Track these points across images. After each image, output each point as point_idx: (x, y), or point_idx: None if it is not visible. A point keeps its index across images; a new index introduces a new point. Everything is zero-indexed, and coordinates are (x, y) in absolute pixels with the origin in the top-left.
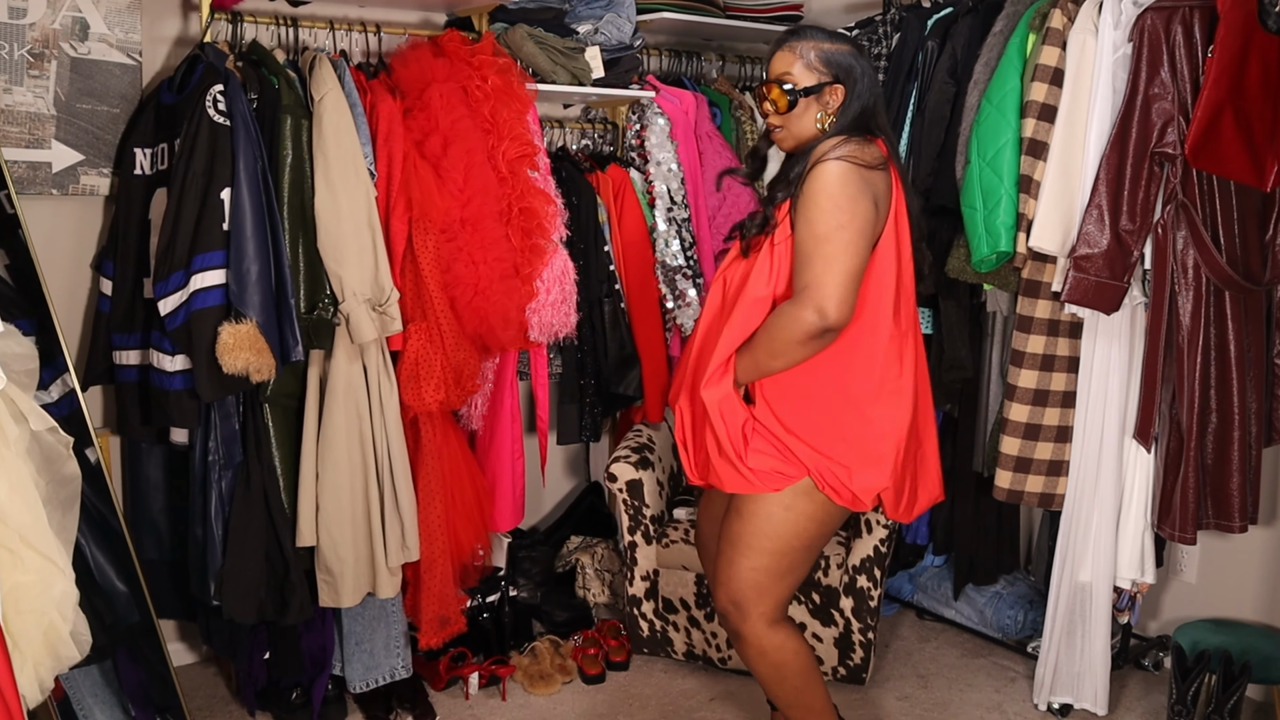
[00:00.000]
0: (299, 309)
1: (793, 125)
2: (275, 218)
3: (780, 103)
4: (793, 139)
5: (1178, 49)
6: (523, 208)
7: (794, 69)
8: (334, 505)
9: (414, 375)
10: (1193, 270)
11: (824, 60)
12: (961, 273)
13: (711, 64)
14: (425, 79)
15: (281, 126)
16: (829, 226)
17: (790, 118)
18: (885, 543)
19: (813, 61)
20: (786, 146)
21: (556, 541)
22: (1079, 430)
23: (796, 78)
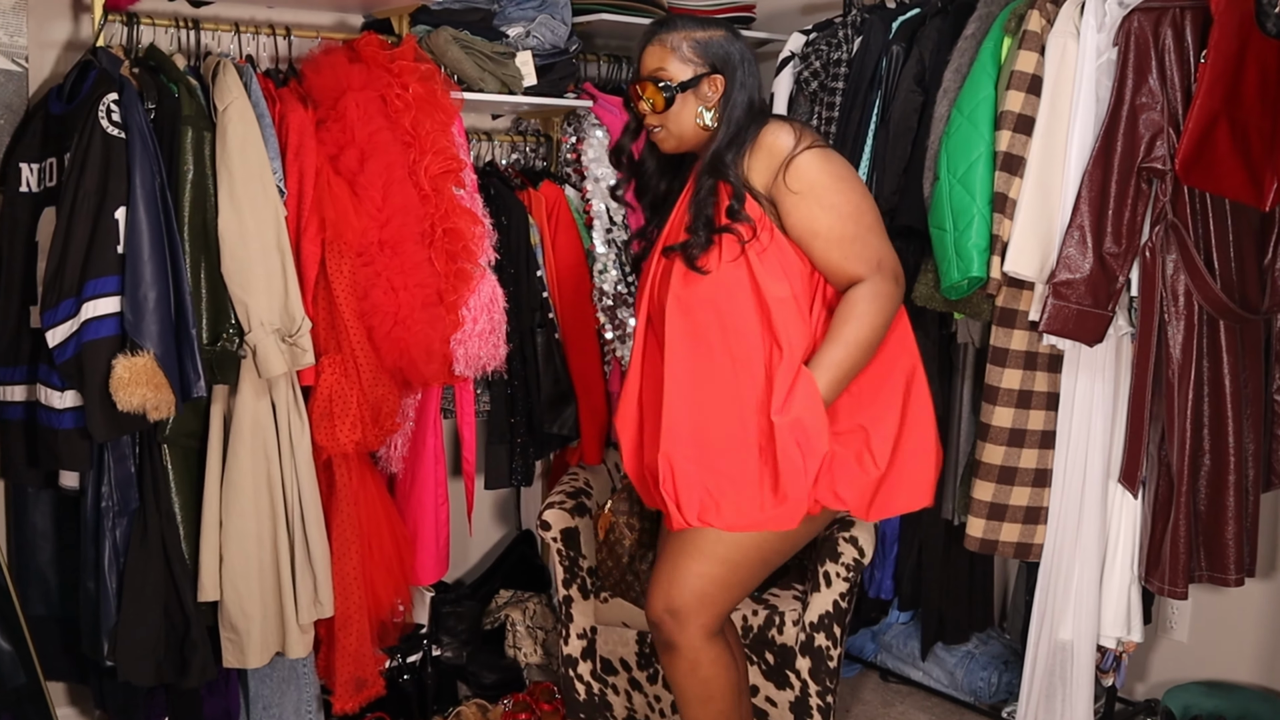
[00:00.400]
0: (201, 340)
1: (672, 124)
2: (175, 239)
3: (657, 101)
4: (674, 139)
5: (1167, 54)
6: (447, 229)
7: (668, 64)
8: (239, 556)
9: (327, 413)
10: (1184, 297)
11: (698, 50)
12: (929, 300)
13: None
14: (340, 87)
15: (182, 139)
16: (853, 202)
17: (669, 116)
18: (846, 597)
19: (686, 53)
20: (668, 147)
21: (484, 596)
22: (1059, 474)
23: (671, 73)
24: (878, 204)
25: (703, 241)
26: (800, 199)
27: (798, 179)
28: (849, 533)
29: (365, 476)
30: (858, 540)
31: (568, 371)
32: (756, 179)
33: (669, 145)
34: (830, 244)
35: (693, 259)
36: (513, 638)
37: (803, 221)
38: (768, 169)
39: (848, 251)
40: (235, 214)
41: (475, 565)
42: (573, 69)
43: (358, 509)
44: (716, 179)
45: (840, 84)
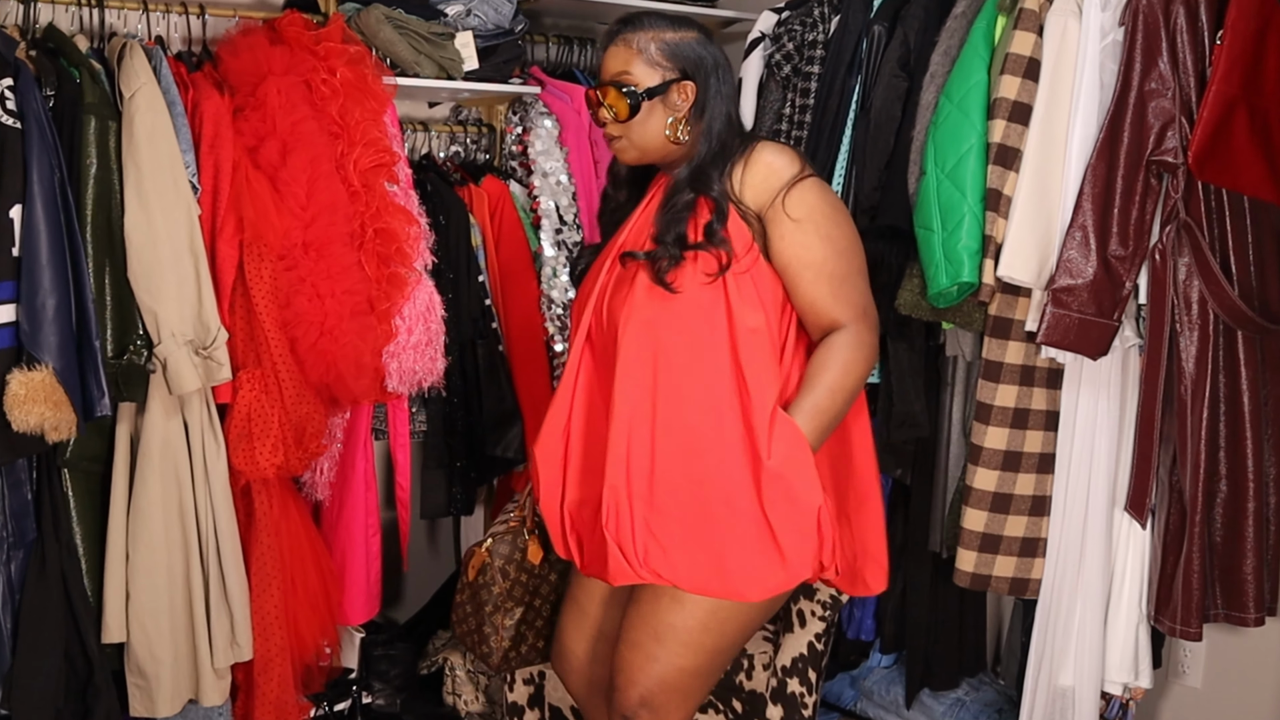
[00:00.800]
0: (105, 353)
1: (635, 134)
2: (76, 241)
3: (620, 108)
4: (636, 150)
5: (1180, 34)
6: (379, 229)
7: (633, 67)
8: (148, 593)
9: (246, 434)
10: (1198, 305)
11: (668, 53)
12: (915, 308)
13: None
14: (260, 72)
15: (84, 129)
16: (849, 239)
17: (632, 126)
18: (822, 638)
19: (654, 56)
20: (628, 159)
21: (420, 637)
22: (1059, 501)
23: (637, 77)
24: (858, 201)
25: (673, 255)
26: (798, 226)
27: (799, 205)
28: None
29: (288, 504)
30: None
31: (513, 388)
32: (750, 196)
33: (629, 157)
34: (821, 278)
35: (661, 272)
36: (452, 683)
37: (796, 250)
38: (766, 188)
39: (837, 290)
40: (143, 213)
41: (410, 603)
42: (518, 51)
43: (279, 540)
44: (698, 193)
45: (816, 68)
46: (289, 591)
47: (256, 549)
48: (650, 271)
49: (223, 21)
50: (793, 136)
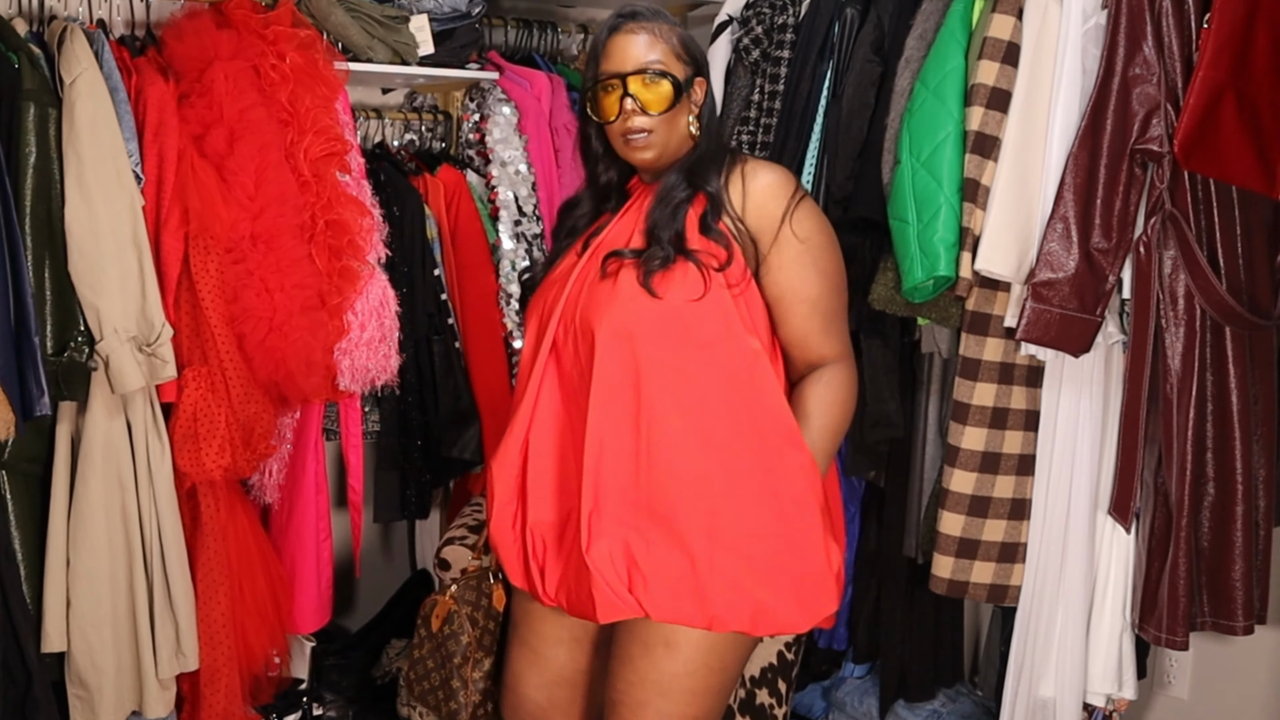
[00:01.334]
0: (45, 349)
1: (665, 129)
2: (14, 233)
3: (657, 98)
4: (658, 148)
5: (1165, 17)
6: (330, 220)
7: (664, 57)
8: (90, 600)
9: (191, 434)
10: (1184, 300)
11: (685, 47)
12: (889, 303)
13: (571, 37)
14: (206, 57)
15: (22, 117)
16: (840, 272)
17: (666, 120)
18: (792, 648)
19: (677, 48)
20: (647, 158)
21: (373, 646)
22: (1039, 505)
23: (670, 68)
24: (830, 191)
25: (666, 255)
26: (798, 256)
27: (802, 223)
28: None
29: (235, 508)
30: None
31: (470, 386)
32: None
33: (649, 156)
34: (815, 313)
35: (650, 272)
36: (406, 695)
37: (794, 282)
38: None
39: (827, 326)
40: (85, 203)
41: (362, 610)
42: (476, 35)
43: (226, 545)
44: (696, 189)
45: (786, 53)
46: (237, 599)
47: (203, 554)
48: (638, 272)
49: (167, 5)
50: (761, 124)
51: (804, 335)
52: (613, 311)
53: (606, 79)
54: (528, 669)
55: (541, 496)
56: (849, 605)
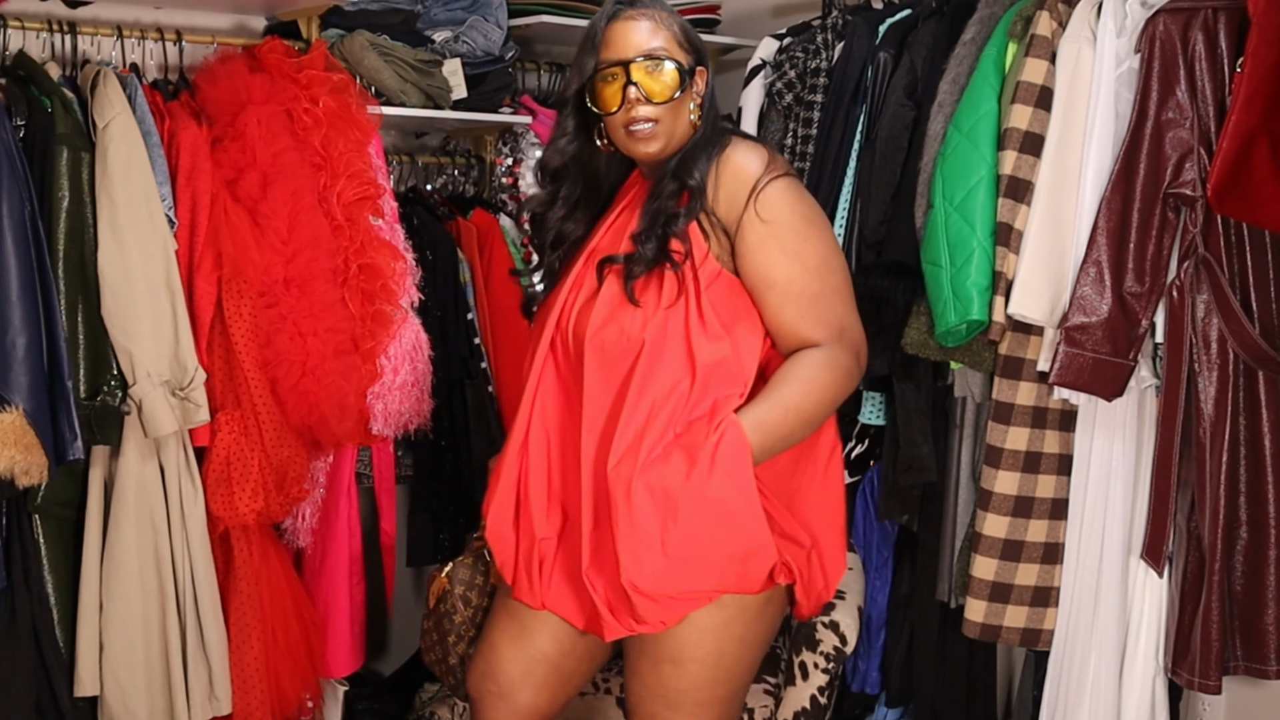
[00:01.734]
0: (78, 393)
1: (670, 118)
2: (48, 277)
3: (663, 85)
4: (664, 138)
5: (1198, 62)
6: (363, 264)
7: (668, 43)
8: (122, 644)
9: (224, 478)
10: (1217, 344)
11: (687, 36)
12: (922, 347)
13: None
14: (239, 101)
15: (55, 161)
16: (821, 254)
17: (671, 108)
18: (825, 691)
19: (679, 36)
20: (651, 150)
21: (406, 690)
22: (1072, 549)
23: (674, 54)
24: (863, 235)
25: (650, 257)
26: (762, 240)
27: (765, 209)
28: (829, 617)
29: (268, 552)
30: (839, 625)
31: (503, 431)
32: (724, 207)
33: (654, 147)
34: (786, 299)
35: (631, 277)
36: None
37: (758, 267)
38: (737, 195)
39: (805, 311)
40: (118, 247)
41: (395, 654)
42: (509, 79)
43: (259, 589)
44: (682, 183)
45: (819, 96)
46: (269, 642)
47: (236, 598)
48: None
49: (200, 48)
50: (794, 168)
51: (778, 325)
52: (596, 323)
53: (607, 67)
54: (510, 640)
55: (539, 504)
56: (881, 649)
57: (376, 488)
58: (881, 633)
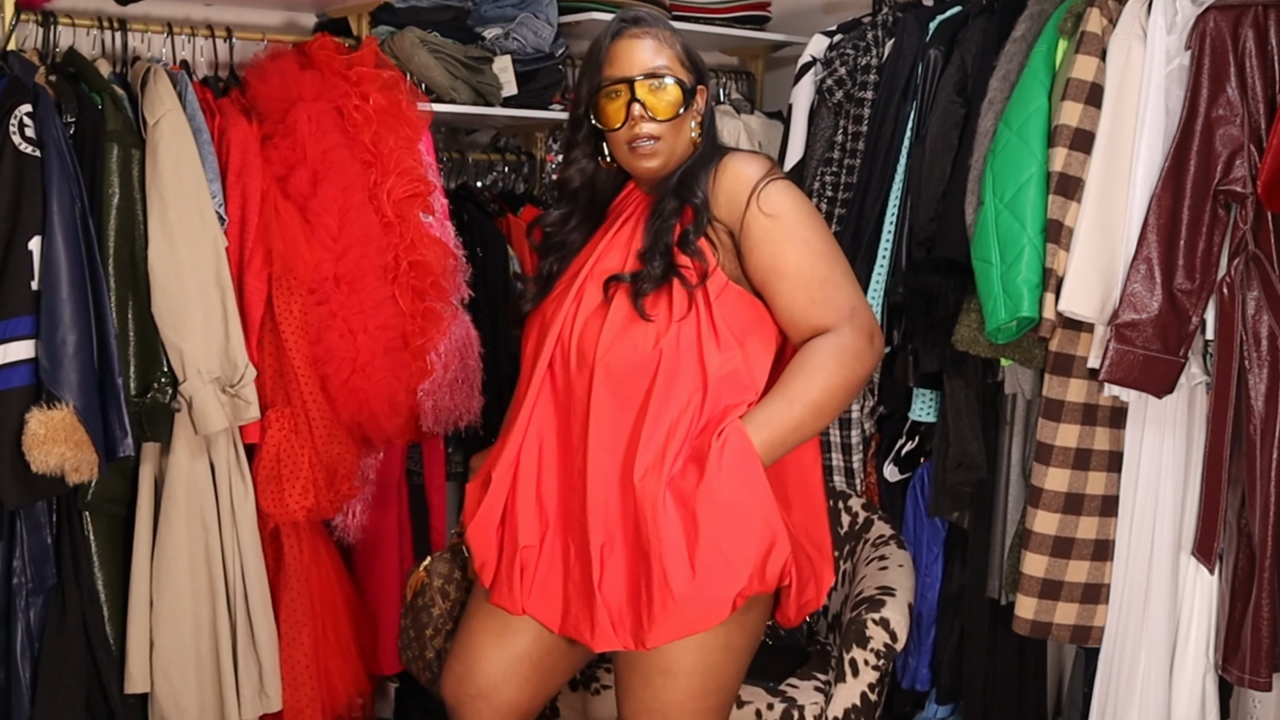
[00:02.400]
0: (128, 391)
1: (673, 135)
2: (98, 274)
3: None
4: (666, 154)
5: (1249, 58)
6: (414, 261)
7: (671, 62)
8: (173, 641)
9: (275, 475)
10: (1268, 341)
11: (688, 55)
12: (972, 344)
13: None
14: (289, 97)
15: (106, 158)
16: (826, 239)
17: (673, 126)
18: (875, 688)
19: (680, 55)
20: (654, 166)
21: None
22: (1122, 545)
23: (677, 73)
24: (913, 232)
25: (658, 275)
26: (768, 233)
27: (769, 204)
28: (879, 614)
29: (318, 549)
30: (889, 622)
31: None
32: (725, 211)
33: (656, 164)
34: (798, 287)
35: (641, 294)
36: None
37: (766, 259)
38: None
39: (816, 295)
40: (168, 244)
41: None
42: (559, 76)
43: (310, 586)
44: (684, 200)
45: (869, 93)
46: (320, 639)
47: (286, 595)
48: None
49: (251, 45)
50: (845, 165)
51: (790, 313)
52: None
53: (611, 84)
54: (491, 641)
55: (525, 513)
56: (931, 647)
57: (427, 485)
58: (932, 630)
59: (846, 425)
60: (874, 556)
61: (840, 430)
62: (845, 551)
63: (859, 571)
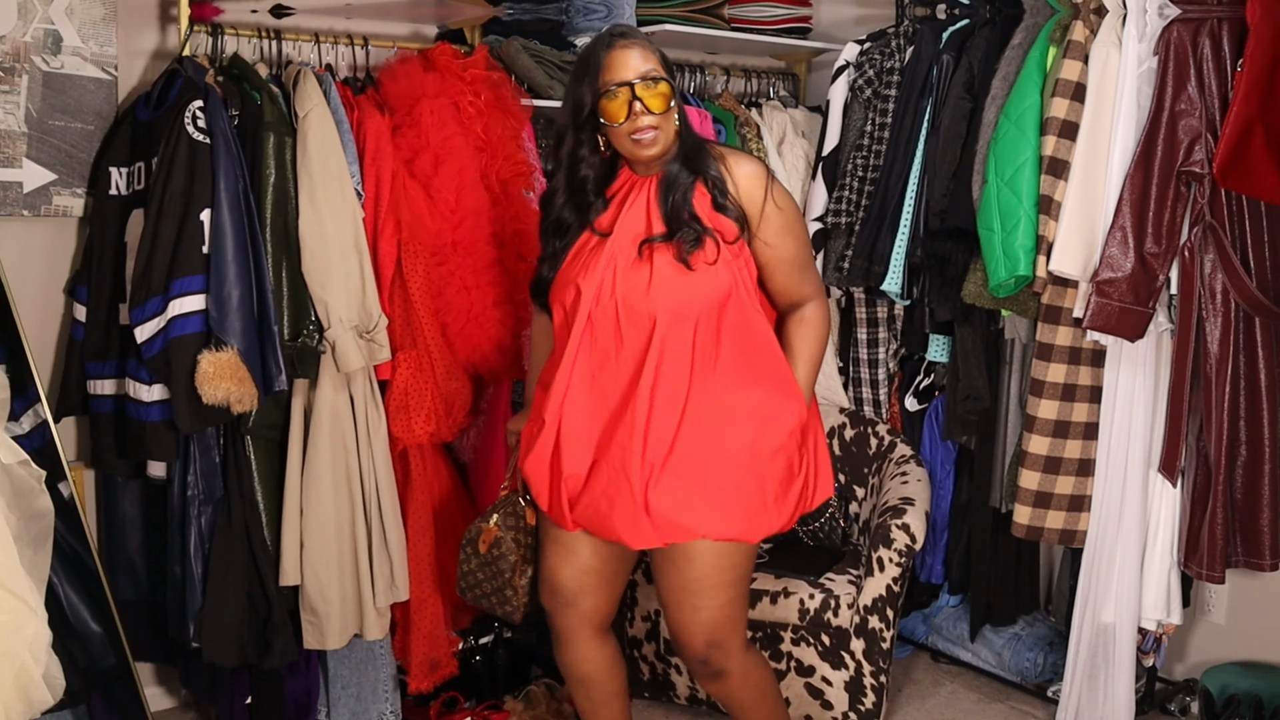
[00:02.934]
0: (282, 336)
1: (667, 125)
2: (257, 240)
3: (660, 101)
4: (664, 141)
5: (1205, 62)
6: (517, 230)
7: (659, 67)
8: (319, 542)
9: (403, 406)
10: (1221, 295)
11: (665, 61)
12: (978, 298)
13: (716, 79)
14: (415, 94)
15: (264, 144)
16: (805, 231)
17: (666, 117)
18: (898, 581)
19: (661, 59)
20: (654, 152)
21: None
22: (1102, 463)
23: (663, 74)
24: (929, 206)
25: (694, 237)
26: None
27: (776, 195)
28: (901, 520)
29: (439, 466)
30: (909, 527)
31: None
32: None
33: (656, 149)
34: (794, 269)
35: (686, 251)
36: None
37: (778, 248)
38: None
39: (805, 275)
40: (315, 216)
41: None
42: None
43: (431, 497)
44: (697, 175)
45: (893, 91)
46: (440, 541)
47: (412, 504)
48: (676, 251)
49: (383, 51)
50: (873, 150)
51: (787, 287)
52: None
53: (612, 87)
54: (561, 562)
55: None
56: (944, 547)
57: None
58: (944, 533)
59: (874, 365)
60: (897, 473)
61: (869, 369)
62: (873, 469)
63: (884, 485)
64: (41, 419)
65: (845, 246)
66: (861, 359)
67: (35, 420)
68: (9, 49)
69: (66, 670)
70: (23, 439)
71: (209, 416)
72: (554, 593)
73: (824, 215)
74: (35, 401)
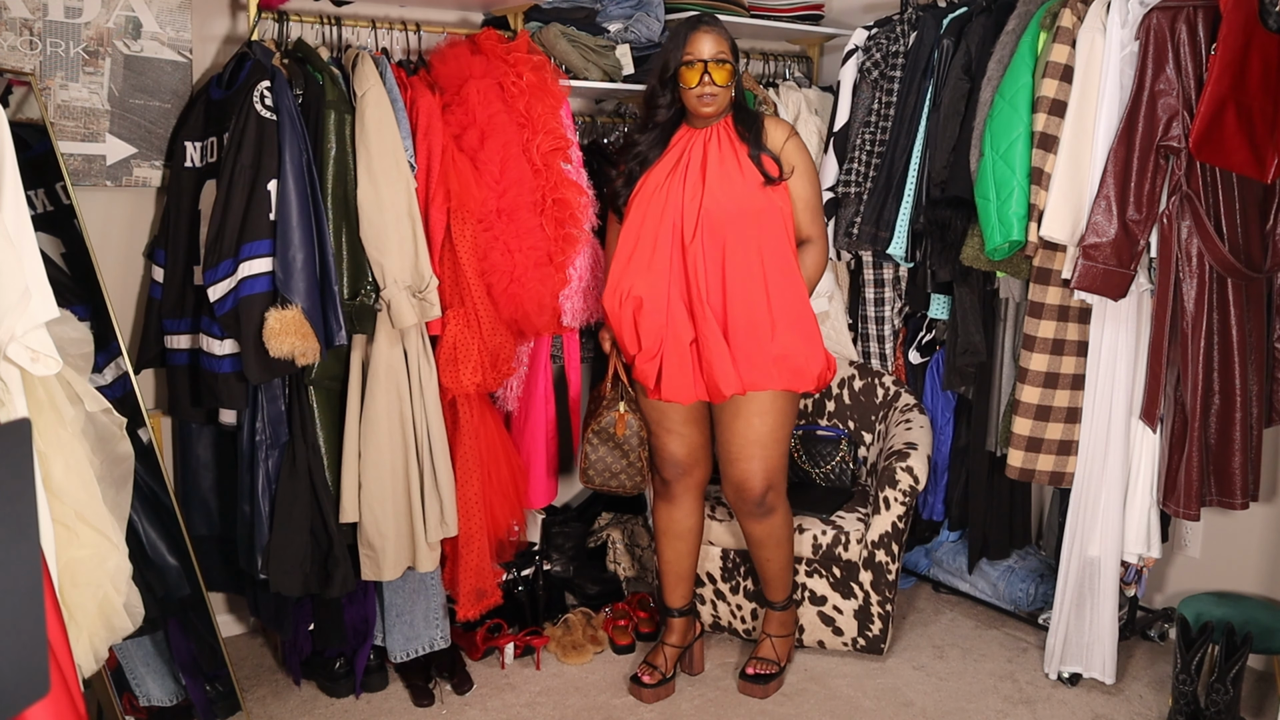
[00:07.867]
0: (342, 295)
1: (724, 95)
2: (319, 208)
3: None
4: (720, 107)
5: (1182, 47)
6: (556, 198)
7: (727, 51)
8: (376, 483)
9: (452, 359)
10: (1196, 258)
11: (733, 45)
12: (975, 261)
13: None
14: (463, 75)
15: (325, 121)
16: (818, 180)
17: (726, 90)
18: (903, 519)
19: (731, 46)
20: (712, 109)
21: (588, 518)
22: (1088, 411)
23: (730, 58)
24: (931, 177)
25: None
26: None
27: (799, 149)
28: (905, 463)
29: (485, 414)
30: (913, 469)
31: None
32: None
33: (713, 109)
34: (808, 209)
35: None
36: (613, 554)
37: (800, 193)
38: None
39: (815, 217)
40: (372, 186)
41: (580, 491)
42: None
43: (478, 442)
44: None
45: (898, 73)
46: (486, 482)
47: (460, 449)
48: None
49: (434, 36)
50: (879, 127)
51: (801, 223)
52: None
53: (691, 61)
54: (673, 441)
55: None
56: (945, 487)
57: (566, 366)
58: (944, 475)
59: (881, 322)
60: (901, 420)
61: (876, 326)
62: (880, 416)
63: (890, 431)
64: (123, 371)
65: (854, 214)
66: (869, 316)
67: (117, 372)
68: (93, 34)
69: (145, 599)
70: (106, 389)
71: (275, 368)
72: (674, 464)
73: (835, 185)
74: (117, 355)
